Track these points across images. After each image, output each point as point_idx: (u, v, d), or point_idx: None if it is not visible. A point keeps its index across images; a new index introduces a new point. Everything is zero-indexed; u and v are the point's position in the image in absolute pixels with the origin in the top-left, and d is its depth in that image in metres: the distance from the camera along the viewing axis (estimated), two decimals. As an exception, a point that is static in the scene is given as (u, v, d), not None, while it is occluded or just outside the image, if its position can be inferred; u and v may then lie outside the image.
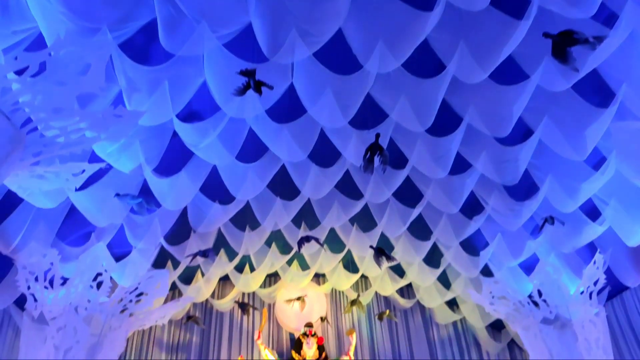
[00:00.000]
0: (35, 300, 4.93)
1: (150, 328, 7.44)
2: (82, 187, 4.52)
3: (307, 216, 6.24)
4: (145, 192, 5.09)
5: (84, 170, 4.04)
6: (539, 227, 5.39)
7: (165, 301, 6.57)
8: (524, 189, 5.30)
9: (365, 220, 6.33)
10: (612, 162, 4.42)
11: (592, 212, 5.32)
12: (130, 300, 5.31)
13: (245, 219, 6.22)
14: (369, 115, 4.67)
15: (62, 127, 3.37)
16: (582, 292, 5.65)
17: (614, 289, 6.04)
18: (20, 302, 5.45)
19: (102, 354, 5.03)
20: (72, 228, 5.32)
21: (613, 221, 5.07)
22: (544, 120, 4.45)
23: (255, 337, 7.07)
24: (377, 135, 4.19)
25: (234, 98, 4.06)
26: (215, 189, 5.53)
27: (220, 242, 6.44)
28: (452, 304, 8.06)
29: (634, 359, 6.10)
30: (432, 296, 7.67)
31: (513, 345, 8.34)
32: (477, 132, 4.73)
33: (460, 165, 5.20)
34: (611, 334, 5.83)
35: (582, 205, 5.15)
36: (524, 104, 4.13)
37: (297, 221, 6.30)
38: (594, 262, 5.53)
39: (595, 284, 5.63)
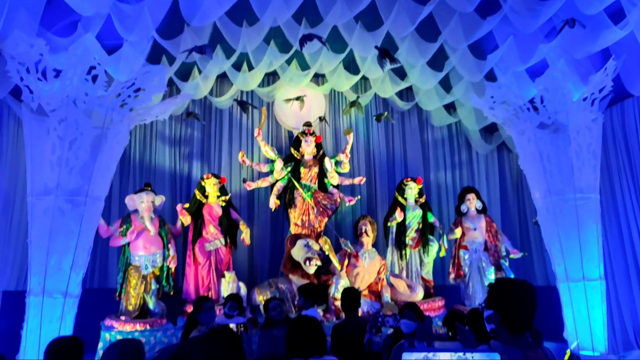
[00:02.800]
0: (31, 92, 4.85)
1: (152, 123, 7.55)
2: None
3: (308, 12, 5.78)
4: (130, -24, 4.60)
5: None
6: (556, 30, 5.09)
7: (164, 98, 6.52)
8: (548, -14, 4.84)
9: (370, 18, 5.90)
10: (657, -45, 3.93)
11: (615, 14, 4.95)
12: (129, 96, 5.24)
13: (242, 13, 5.77)
14: None
15: None
16: (585, 99, 5.62)
17: (616, 96, 6.01)
18: (17, 94, 5.38)
19: (107, 146, 5.17)
20: (56, 16, 4.95)
21: (636, 25, 4.75)
22: None
23: (255, 134, 7.22)
24: None
25: None
26: (208, -24, 5.00)
27: (217, 38, 6.09)
28: (450, 107, 8.12)
29: (619, 164, 6.42)
30: (431, 99, 7.66)
31: (502, 147, 8.69)
32: None
33: (483, -45, 4.64)
34: (603, 140, 5.99)
35: (607, 6, 4.78)
36: None
37: (297, 17, 5.86)
38: (605, 69, 5.37)
39: (600, 91, 5.56)
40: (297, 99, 7.78)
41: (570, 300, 5.72)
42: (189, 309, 6.17)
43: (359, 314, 5.11)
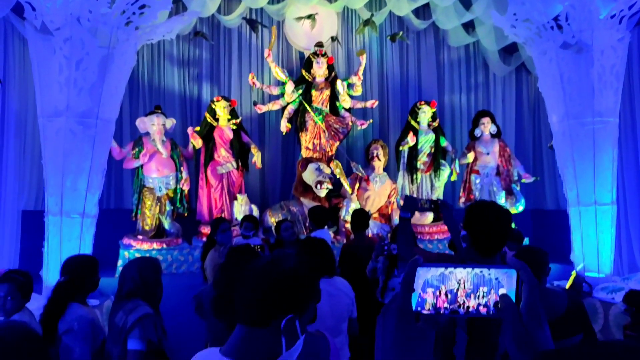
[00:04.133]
0: (34, 9, 4.67)
1: (160, 44, 7.36)
2: None
3: None
4: None
5: None
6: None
7: (170, 16, 6.27)
8: None
9: None
10: None
11: None
12: (134, 13, 5.02)
13: None
14: None
15: None
16: (612, 16, 5.29)
17: (646, 14, 5.67)
18: (20, 12, 5.21)
19: (114, 67, 5.05)
20: None
21: None
22: None
23: (265, 55, 7.01)
24: None
25: None
26: None
27: (223, -51, 5.75)
28: (468, 26, 7.76)
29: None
30: (449, 17, 7.30)
31: (521, 69, 8.42)
32: None
33: None
34: (628, 61, 5.72)
35: None
36: None
37: None
38: (638, -15, 5.01)
39: (630, 7, 5.21)
40: (309, 17, 7.47)
41: (579, 224, 5.74)
42: (203, 229, 6.34)
43: (369, 236, 5.21)
